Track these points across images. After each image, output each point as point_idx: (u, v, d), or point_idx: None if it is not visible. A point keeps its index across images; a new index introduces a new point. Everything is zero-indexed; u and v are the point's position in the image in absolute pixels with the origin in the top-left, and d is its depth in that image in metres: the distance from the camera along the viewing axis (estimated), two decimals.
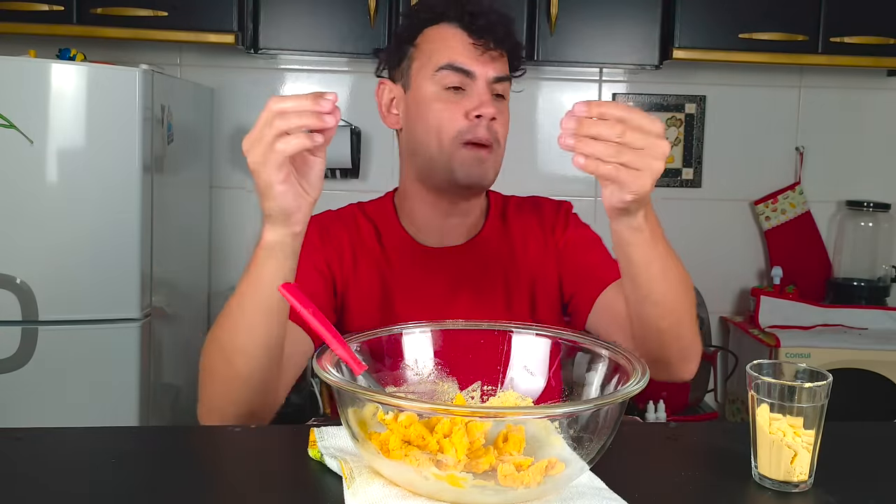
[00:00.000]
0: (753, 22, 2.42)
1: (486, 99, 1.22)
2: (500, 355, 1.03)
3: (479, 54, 1.23)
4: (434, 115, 1.24)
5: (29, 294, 2.00)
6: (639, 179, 0.89)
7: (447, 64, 1.23)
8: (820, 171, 2.84)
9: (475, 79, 1.23)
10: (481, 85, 1.23)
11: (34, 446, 0.94)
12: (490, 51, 1.23)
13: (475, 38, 1.23)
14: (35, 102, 1.99)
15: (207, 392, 1.09)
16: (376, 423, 0.83)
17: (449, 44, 1.24)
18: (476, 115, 1.22)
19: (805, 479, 0.86)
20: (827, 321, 2.61)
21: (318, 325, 0.88)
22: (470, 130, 1.22)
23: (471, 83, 1.23)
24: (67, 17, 2.27)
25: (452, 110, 1.23)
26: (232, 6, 2.31)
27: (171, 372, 2.34)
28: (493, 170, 1.26)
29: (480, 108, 1.21)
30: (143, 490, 0.85)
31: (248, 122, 2.64)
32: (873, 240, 2.78)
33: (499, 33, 1.24)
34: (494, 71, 1.24)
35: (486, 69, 1.23)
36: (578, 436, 0.82)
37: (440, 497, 0.78)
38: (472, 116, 1.22)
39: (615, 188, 0.91)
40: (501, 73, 1.25)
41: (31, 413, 2.01)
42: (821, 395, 0.86)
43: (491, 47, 1.23)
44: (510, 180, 2.87)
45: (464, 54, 1.23)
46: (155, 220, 2.13)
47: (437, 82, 1.24)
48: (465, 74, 1.23)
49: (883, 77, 2.81)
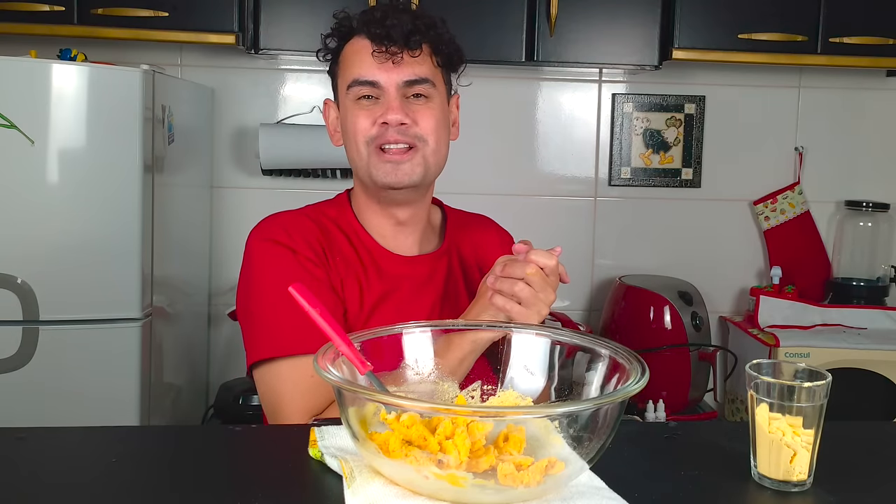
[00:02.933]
0: (753, 22, 2.42)
1: (393, 105, 1.26)
2: (499, 355, 1.03)
3: (382, 61, 1.26)
4: (350, 126, 1.29)
5: (30, 294, 2.00)
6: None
7: (353, 80, 1.29)
8: (819, 171, 2.84)
9: (382, 87, 1.27)
10: (390, 92, 1.27)
11: (35, 446, 0.94)
12: (393, 56, 1.26)
13: (376, 46, 1.26)
14: (36, 103, 1.99)
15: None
16: (377, 423, 0.83)
17: (357, 57, 1.29)
18: (383, 121, 1.26)
19: (804, 479, 0.86)
20: (826, 321, 2.61)
21: (325, 325, 0.89)
22: (380, 136, 1.27)
23: (381, 91, 1.27)
24: (68, 17, 2.27)
25: (364, 117, 1.28)
26: (232, 6, 2.31)
27: (171, 372, 2.34)
28: (420, 168, 1.29)
29: (386, 114, 1.26)
30: (143, 490, 0.85)
31: (248, 122, 2.65)
32: (872, 240, 2.78)
33: (399, 36, 1.25)
34: (402, 75, 1.27)
35: (392, 75, 1.27)
36: (578, 435, 0.82)
37: (440, 496, 0.78)
38: (380, 123, 1.27)
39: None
40: (412, 75, 1.27)
41: (31, 413, 2.01)
42: (820, 394, 0.86)
43: (395, 51, 1.26)
44: (510, 180, 2.87)
45: (368, 65, 1.27)
46: (156, 220, 2.14)
47: (352, 97, 1.29)
48: (371, 85, 1.27)
49: (882, 77, 2.81)
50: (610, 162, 2.78)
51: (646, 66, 2.47)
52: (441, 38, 1.31)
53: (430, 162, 1.30)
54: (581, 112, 2.77)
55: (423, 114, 1.28)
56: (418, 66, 1.28)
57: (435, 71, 1.30)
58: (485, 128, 2.69)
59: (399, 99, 1.27)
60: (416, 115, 1.28)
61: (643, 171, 2.79)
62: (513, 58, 2.39)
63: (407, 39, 1.25)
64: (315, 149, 2.51)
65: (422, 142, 1.28)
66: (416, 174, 1.29)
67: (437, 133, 1.30)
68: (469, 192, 2.53)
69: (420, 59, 1.28)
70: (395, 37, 1.25)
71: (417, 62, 1.28)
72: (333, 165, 2.57)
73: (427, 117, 1.28)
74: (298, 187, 2.65)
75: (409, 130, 1.27)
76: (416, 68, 1.27)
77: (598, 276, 2.81)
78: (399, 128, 1.26)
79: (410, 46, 1.26)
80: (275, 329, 1.25)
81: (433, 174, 1.33)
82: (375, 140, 1.27)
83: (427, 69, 1.29)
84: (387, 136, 1.27)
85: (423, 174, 1.30)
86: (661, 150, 2.79)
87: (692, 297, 2.54)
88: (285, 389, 1.23)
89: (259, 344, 1.26)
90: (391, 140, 1.27)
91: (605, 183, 2.79)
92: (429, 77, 1.29)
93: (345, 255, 1.32)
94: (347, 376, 0.88)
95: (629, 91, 2.78)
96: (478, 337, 1.12)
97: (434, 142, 1.29)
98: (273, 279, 1.27)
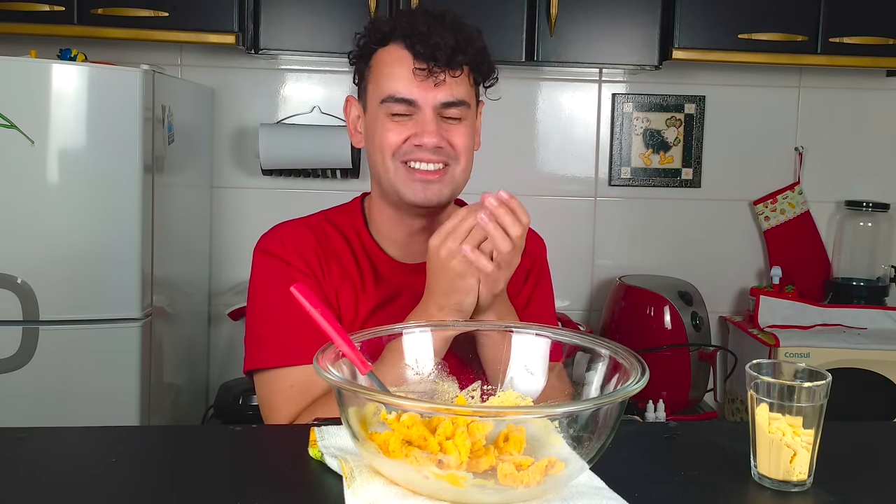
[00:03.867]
0: (753, 22, 2.42)
1: (430, 128, 1.22)
2: (499, 355, 1.03)
3: (422, 79, 1.21)
4: (379, 138, 1.26)
5: (30, 294, 2.00)
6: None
7: (389, 95, 1.23)
8: (819, 171, 2.84)
9: (419, 106, 1.23)
10: (426, 112, 1.23)
11: (35, 446, 0.94)
12: (435, 75, 1.21)
13: (418, 63, 1.21)
14: (36, 103, 1.99)
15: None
16: (377, 423, 0.83)
17: (394, 70, 1.23)
18: (416, 143, 1.23)
19: (804, 479, 0.86)
20: (826, 321, 2.61)
21: (327, 325, 0.90)
22: (410, 152, 1.24)
23: (416, 110, 1.24)
24: (68, 17, 2.27)
25: (397, 132, 1.24)
26: (232, 6, 2.31)
27: (171, 372, 2.34)
28: (449, 188, 1.27)
29: (422, 136, 1.23)
30: (143, 490, 0.85)
31: (248, 122, 2.65)
32: (872, 240, 2.78)
33: (443, 57, 1.20)
34: (441, 96, 1.23)
35: (431, 95, 1.22)
36: (578, 435, 0.82)
37: (440, 496, 0.78)
38: (413, 144, 1.23)
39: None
40: (450, 97, 1.23)
41: (31, 413, 2.01)
42: (820, 394, 0.86)
43: (436, 71, 1.21)
44: (510, 180, 2.87)
45: (407, 82, 1.22)
46: (156, 220, 2.14)
47: (384, 110, 1.25)
48: (408, 104, 1.23)
49: (882, 77, 2.81)
50: (610, 162, 2.78)
51: (646, 66, 2.47)
52: (481, 56, 1.27)
53: (458, 180, 1.28)
54: (581, 112, 2.77)
55: (456, 133, 1.25)
56: (457, 86, 1.24)
57: (471, 91, 1.27)
58: (485, 128, 2.67)
59: (435, 121, 1.23)
60: (449, 134, 1.25)
61: (643, 171, 2.79)
62: (513, 58, 2.39)
63: (450, 60, 1.21)
64: (315, 149, 2.51)
65: (454, 161, 1.26)
66: (444, 194, 1.27)
67: (468, 153, 1.28)
68: (469, 192, 2.52)
69: (459, 80, 1.24)
70: (439, 57, 1.20)
71: (456, 83, 1.23)
72: (333, 165, 2.57)
73: (460, 137, 1.25)
74: (298, 187, 2.65)
75: (442, 152, 1.24)
76: (455, 90, 1.23)
77: (598, 276, 2.81)
78: (433, 150, 1.24)
79: (452, 67, 1.22)
80: (262, 340, 1.28)
81: (460, 191, 1.31)
82: (404, 155, 1.24)
83: (464, 90, 1.25)
84: (418, 155, 1.24)
85: (451, 194, 1.28)
86: (661, 150, 2.79)
87: (692, 297, 2.54)
88: (271, 400, 1.26)
89: (249, 353, 1.30)
90: (423, 159, 1.24)
91: (605, 183, 2.79)
92: (465, 99, 1.25)
93: (342, 262, 1.32)
94: (347, 376, 0.88)
95: (629, 91, 2.78)
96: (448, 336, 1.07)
97: (465, 160, 1.27)
98: (263, 291, 1.30)
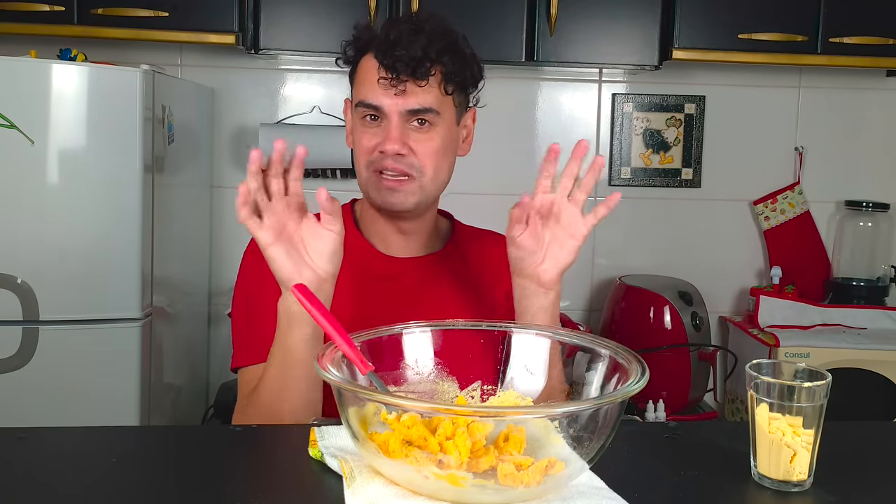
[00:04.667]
0: (753, 22, 2.42)
1: (392, 135, 1.25)
2: (499, 355, 1.03)
3: (386, 88, 1.25)
4: (357, 143, 1.31)
5: (30, 294, 2.00)
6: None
7: (360, 101, 1.28)
8: (819, 171, 2.84)
9: (385, 114, 1.26)
10: (392, 119, 1.26)
11: (35, 446, 0.94)
12: (398, 85, 1.24)
13: (382, 73, 1.24)
14: (36, 103, 1.99)
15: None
16: (377, 423, 0.83)
17: (367, 77, 1.28)
18: (381, 150, 1.26)
19: (804, 479, 0.86)
20: (826, 321, 2.61)
21: (328, 325, 0.92)
22: (378, 161, 1.28)
23: (384, 116, 1.27)
24: (68, 17, 2.27)
25: (367, 139, 1.28)
26: (232, 6, 2.31)
27: (171, 372, 2.34)
28: (415, 196, 1.29)
29: (385, 143, 1.26)
30: (143, 490, 0.85)
31: (248, 122, 2.64)
32: (872, 240, 2.78)
33: (406, 67, 1.23)
34: (405, 104, 1.25)
35: (395, 102, 1.25)
36: (578, 435, 0.82)
37: (440, 496, 0.78)
38: (378, 151, 1.27)
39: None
40: (416, 105, 1.25)
41: (31, 413, 2.01)
42: (820, 394, 0.86)
43: (402, 80, 1.24)
44: (510, 180, 2.87)
45: (374, 90, 1.26)
46: (155, 220, 2.14)
47: (358, 115, 1.30)
48: (375, 109, 1.27)
49: (882, 77, 2.81)
50: (610, 162, 2.78)
51: (646, 66, 2.47)
52: (455, 64, 1.27)
53: (427, 189, 1.30)
54: (581, 112, 2.77)
55: (422, 143, 1.27)
56: (424, 94, 1.25)
57: (442, 99, 1.27)
58: (485, 128, 2.67)
59: (400, 127, 1.26)
60: (415, 143, 1.27)
61: (643, 171, 2.79)
62: (513, 58, 2.39)
63: (414, 70, 1.23)
64: (315, 149, 2.48)
65: (418, 172, 1.27)
66: (409, 202, 1.29)
67: (435, 161, 1.28)
68: (469, 192, 2.52)
69: (426, 88, 1.25)
70: (400, 67, 1.23)
71: (423, 91, 1.25)
72: (333, 165, 2.56)
73: (426, 146, 1.27)
74: None
75: (405, 160, 1.26)
76: (422, 97, 1.25)
77: (598, 276, 2.81)
78: (395, 157, 1.26)
79: (417, 77, 1.24)
80: (236, 340, 1.33)
81: (431, 198, 1.33)
82: (373, 164, 1.28)
83: (433, 98, 1.26)
84: (384, 163, 1.27)
85: (417, 202, 1.30)
86: (661, 150, 2.79)
87: (692, 297, 2.54)
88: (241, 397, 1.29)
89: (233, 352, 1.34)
90: (388, 167, 1.27)
91: (605, 183, 2.79)
92: (433, 107, 1.26)
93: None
94: (347, 376, 0.88)
95: (629, 91, 2.78)
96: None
97: (432, 170, 1.28)
98: (242, 290, 1.34)
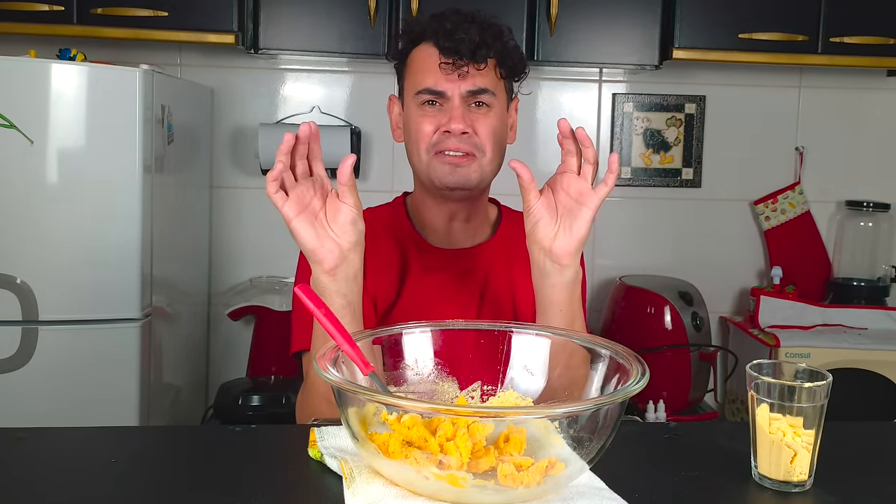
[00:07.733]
0: (753, 22, 2.42)
1: (456, 114, 1.32)
2: (500, 355, 1.03)
3: (448, 73, 1.33)
4: (415, 129, 1.36)
5: (29, 294, 2.00)
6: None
7: (422, 88, 1.35)
8: (820, 171, 2.84)
9: (447, 97, 1.34)
10: (454, 101, 1.33)
11: (34, 446, 0.94)
12: (460, 69, 1.32)
13: (444, 58, 1.32)
14: (35, 102, 1.99)
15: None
16: (377, 423, 0.83)
17: (425, 65, 1.35)
18: (445, 130, 1.33)
19: (805, 479, 0.86)
20: (827, 321, 2.61)
21: (329, 325, 0.92)
22: (441, 142, 1.34)
23: (445, 100, 1.34)
24: (67, 17, 2.27)
25: (428, 123, 1.35)
26: (232, 6, 2.31)
27: (171, 372, 2.34)
28: (477, 174, 1.36)
29: (450, 123, 1.32)
30: (143, 490, 0.85)
31: (248, 122, 2.64)
32: (873, 240, 2.78)
33: (467, 51, 1.31)
34: (466, 85, 1.33)
35: (457, 85, 1.33)
36: (578, 436, 0.82)
37: (440, 497, 0.78)
38: (443, 131, 1.33)
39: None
40: (475, 86, 1.33)
41: (31, 413, 2.01)
42: (820, 394, 0.86)
43: (461, 64, 1.32)
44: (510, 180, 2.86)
45: (435, 75, 1.33)
46: (155, 220, 2.13)
47: (417, 102, 1.36)
48: (438, 94, 1.34)
49: (883, 77, 2.81)
50: None
51: (646, 66, 2.47)
52: (506, 51, 1.36)
53: (486, 170, 1.36)
54: (581, 112, 2.77)
55: (482, 123, 1.34)
56: (481, 77, 1.33)
57: (497, 82, 1.36)
58: None
59: (462, 108, 1.33)
60: (476, 123, 1.34)
61: (643, 170, 2.79)
62: None
63: (473, 54, 1.31)
64: None
65: (480, 151, 1.34)
66: (472, 179, 1.35)
67: (493, 141, 1.35)
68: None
69: (484, 71, 1.34)
70: (463, 51, 1.31)
71: (481, 73, 1.33)
72: (333, 165, 2.55)
73: (486, 126, 1.34)
74: None
75: (469, 139, 1.33)
76: (479, 79, 1.33)
77: (598, 276, 2.81)
78: (460, 137, 1.33)
79: (476, 60, 1.32)
80: (293, 326, 1.37)
81: (488, 179, 1.39)
82: (436, 146, 1.34)
83: (490, 80, 1.34)
84: (447, 144, 1.33)
85: (478, 180, 1.36)
86: (662, 150, 2.79)
87: (692, 297, 2.54)
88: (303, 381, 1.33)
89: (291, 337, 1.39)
90: (451, 148, 1.33)
91: None
92: (490, 88, 1.34)
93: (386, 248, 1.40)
94: (348, 376, 0.88)
95: (629, 91, 2.78)
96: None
97: (490, 151, 1.35)
98: (298, 279, 1.38)
